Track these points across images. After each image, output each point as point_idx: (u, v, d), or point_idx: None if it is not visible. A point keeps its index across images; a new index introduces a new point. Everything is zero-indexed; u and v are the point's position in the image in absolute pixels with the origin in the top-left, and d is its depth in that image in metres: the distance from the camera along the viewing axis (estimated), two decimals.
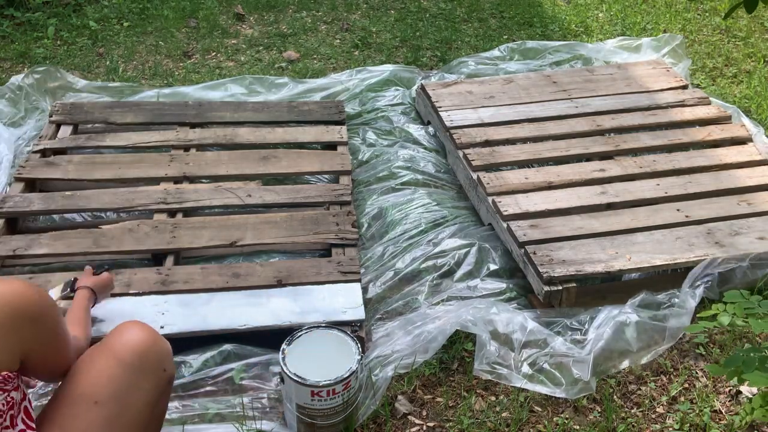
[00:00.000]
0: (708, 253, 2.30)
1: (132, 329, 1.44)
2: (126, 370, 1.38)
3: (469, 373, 2.09)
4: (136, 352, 1.40)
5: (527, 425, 1.95)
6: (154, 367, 1.43)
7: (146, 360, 1.42)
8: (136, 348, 1.41)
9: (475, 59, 3.67)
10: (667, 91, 3.25)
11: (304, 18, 4.33)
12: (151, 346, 1.44)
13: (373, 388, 1.96)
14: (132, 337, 1.42)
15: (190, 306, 2.13)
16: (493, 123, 3.01)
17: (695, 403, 2.02)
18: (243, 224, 2.47)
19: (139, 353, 1.41)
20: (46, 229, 2.49)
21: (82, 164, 2.74)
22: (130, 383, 1.38)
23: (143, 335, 1.44)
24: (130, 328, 1.45)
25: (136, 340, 1.42)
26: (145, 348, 1.42)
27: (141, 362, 1.40)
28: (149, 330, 1.46)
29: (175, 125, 3.04)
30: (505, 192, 2.59)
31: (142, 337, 1.43)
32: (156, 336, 1.47)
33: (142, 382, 1.40)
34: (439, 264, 2.41)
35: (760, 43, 4.10)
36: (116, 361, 1.39)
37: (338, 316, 2.11)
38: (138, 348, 1.41)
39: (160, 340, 1.48)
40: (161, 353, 1.46)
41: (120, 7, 4.29)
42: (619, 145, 2.87)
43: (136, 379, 1.39)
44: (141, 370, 1.40)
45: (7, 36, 3.93)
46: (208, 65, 3.77)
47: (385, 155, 2.98)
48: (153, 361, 1.43)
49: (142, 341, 1.42)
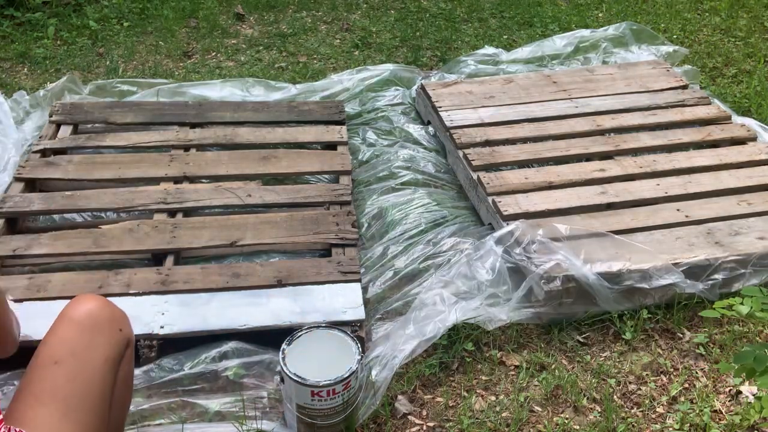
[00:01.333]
0: (708, 253, 2.30)
1: (84, 297, 1.56)
2: (80, 328, 1.48)
3: (469, 373, 2.09)
4: (89, 313, 1.51)
5: (527, 425, 1.95)
6: (107, 325, 1.53)
7: (99, 319, 1.52)
8: (89, 310, 1.52)
9: (475, 58, 3.67)
10: (667, 91, 3.25)
11: (304, 18, 4.34)
12: (103, 308, 1.54)
13: (373, 388, 1.96)
14: (85, 302, 1.53)
15: (190, 306, 2.13)
16: (493, 123, 3.01)
17: (695, 403, 2.02)
18: (243, 224, 2.47)
19: (91, 313, 1.51)
20: (46, 229, 2.49)
21: (82, 164, 2.74)
22: (84, 341, 1.47)
23: (95, 300, 1.55)
24: (82, 297, 1.56)
25: (89, 305, 1.53)
26: (96, 309, 1.53)
27: (94, 321, 1.51)
28: (100, 298, 1.57)
29: (175, 125, 3.04)
30: (505, 192, 2.59)
31: (94, 301, 1.55)
32: (107, 301, 1.58)
33: (97, 339, 1.49)
34: (438, 264, 2.41)
35: (760, 43, 4.10)
36: (70, 322, 1.49)
37: (338, 316, 2.11)
38: (90, 310, 1.52)
39: (112, 304, 1.58)
40: (114, 314, 1.56)
41: (120, 7, 4.29)
42: (619, 145, 2.87)
43: (90, 336, 1.49)
44: (94, 327, 1.50)
45: (7, 36, 3.93)
46: (208, 65, 3.77)
47: (385, 155, 2.98)
48: (106, 320, 1.53)
49: (94, 305, 1.54)
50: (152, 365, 2.01)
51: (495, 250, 2.27)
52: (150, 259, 2.42)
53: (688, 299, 2.29)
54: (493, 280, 2.24)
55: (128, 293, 2.16)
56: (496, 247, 2.28)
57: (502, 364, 2.13)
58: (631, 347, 2.19)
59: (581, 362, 2.14)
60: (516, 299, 2.22)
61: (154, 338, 2.04)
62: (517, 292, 2.22)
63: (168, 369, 2.01)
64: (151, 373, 1.99)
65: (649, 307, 2.28)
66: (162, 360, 2.02)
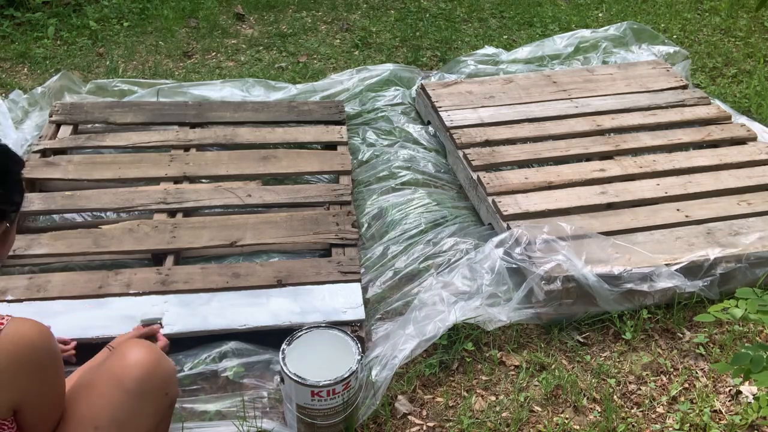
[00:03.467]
0: (708, 253, 2.30)
1: (134, 349, 1.39)
2: (127, 395, 1.33)
3: (469, 373, 2.09)
4: (139, 376, 1.35)
5: (527, 425, 1.95)
6: (156, 392, 1.38)
7: (149, 385, 1.36)
8: (139, 372, 1.35)
9: (475, 58, 3.67)
10: (667, 91, 3.25)
11: (304, 18, 4.34)
12: (154, 371, 1.38)
13: (373, 388, 1.96)
14: (135, 361, 1.36)
15: (190, 306, 2.13)
16: (493, 123, 3.01)
17: (695, 403, 2.02)
18: (243, 224, 2.47)
19: (141, 378, 1.35)
20: (46, 229, 2.49)
21: (82, 164, 2.74)
22: (131, 409, 1.34)
23: (147, 357, 1.37)
24: (133, 351, 1.38)
25: (139, 364, 1.36)
26: (147, 372, 1.36)
27: (143, 388, 1.35)
28: (153, 352, 1.40)
29: (175, 125, 3.04)
30: (505, 192, 2.59)
31: (146, 359, 1.37)
32: (160, 358, 1.41)
33: (143, 408, 1.36)
34: (438, 264, 2.41)
35: (760, 43, 4.10)
36: (118, 385, 1.34)
37: (338, 316, 2.11)
38: (141, 373, 1.35)
39: (164, 361, 1.43)
40: (164, 377, 1.40)
41: (120, 7, 4.29)
42: (619, 145, 2.87)
43: (137, 404, 1.34)
44: (143, 395, 1.35)
45: (7, 36, 3.93)
46: (208, 65, 3.77)
47: (385, 155, 2.98)
48: (155, 387, 1.38)
49: (145, 365, 1.36)
50: None
51: (495, 251, 2.27)
52: (150, 259, 2.42)
53: (688, 299, 2.29)
54: (493, 281, 2.24)
55: (128, 293, 2.16)
56: (497, 249, 2.28)
57: (502, 364, 2.13)
58: (631, 347, 2.19)
59: (581, 362, 2.14)
60: (516, 300, 2.22)
61: None
62: (517, 293, 2.22)
63: None
64: None
65: (649, 307, 2.28)
66: None
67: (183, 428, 1.86)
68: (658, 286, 2.21)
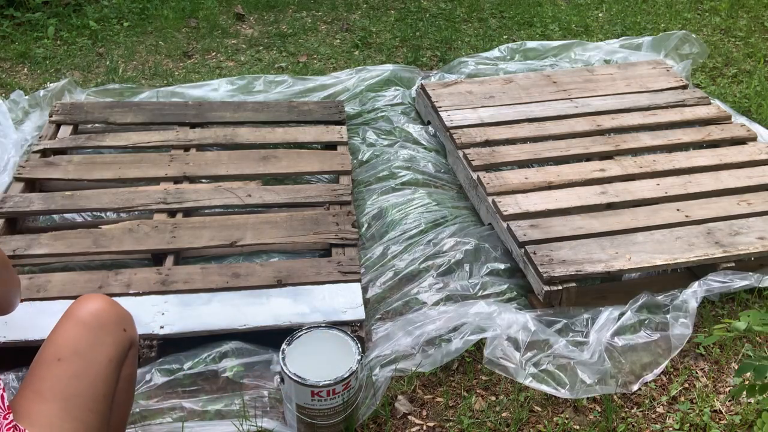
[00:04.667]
0: (708, 253, 2.30)
1: (90, 297, 1.55)
2: (85, 328, 1.48)
3: (469, 373, 2.09)
4: (94, 313, 1.50)
5: (527, 425, 1.95)
6: (112, 325, 1.52)
7: (104, 319, 1.51)
8: (94, 310, 1.51)
9: (475, 59, 3.67)
10: (667, 91, 3.25)
11: (304, 18, 4.34)
12: (109, 308, 1.53)
13: (373, 388, 1.96)
14: (91, 302, 1.53)
15: (190, 306, 2.13)
16: (493, 123, 3.01)
17: (695, 403, 2.02)
18: (243, 224, 2.47)
19: (96, 314, 1.51)
20: (46, 229, 2.49)
21: (82, 164, 2.74)
22: (89, 340, 1.47)
23: (101, 300, 1.54)
24: (88, 297, 1.55)
25: (95, 304, 1.52)
26: (102, 309, 1.52)
27: (99, 321, 1.50)
28: (106, 298, 1.56)
29: (175, 125, 3.04)
30: (505, 192, 2.59)
31: (100, 301, 1.53)
32: (112, 301, 1.57)
33: (102, 338, 1.49)
34: (438, 264, 2.41)
35: (760, 43, 4.10)
36: (76, 321, 1.48)
37: (338, 316, 2.11)
38: (96, 310, 1.51)
39: (117, 305, 1.58)
40: (119, 315, 1.55)
41: (120, 7, 4.30)
42: (619, 145, 2.87)
43: (95, 335, 1.48)
44: (100, 328, 1.49)
45: (7, 36, 3.93)
46: (208, 65, 3.78)
47: (385, 155, 2.98)
48: (111, 321, 1.52)
49: (100, 305, 1.53)
50: (152, 365, 2.01)
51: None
52: (150, 259, 2.42)
53: None
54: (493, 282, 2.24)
55: (128, 293, 2.16)
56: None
57: None
58: None
59: None
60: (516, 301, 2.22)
61: (154, 338, 2.04)
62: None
63: (168, 369, 2.01)
64: (151, 373, 1.99)
65: (650, 306, 2.27)
66: (162, 360, 2.02)
67: (183, 428, 1.86)
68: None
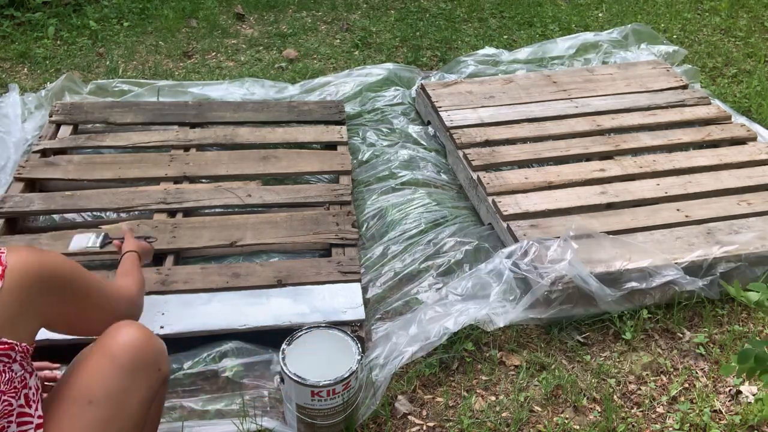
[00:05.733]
0: (708, 253, 2.30)
1: (127, 329, 1.43)
2: (120, 370, 1.38)
3: (469, 373, 2.09)
4: (131, 352, 1.40)
5: (527, 425, 1.95)
6: (148, 367, 1.43)
7: (141, 360, 1.41)
8: (131, 348, 1.40)
9: (475, 58, 3.67)
10: (666, 91, 3.25)
11: (304, 18, 4.34)
12: (146, 346, 1.43)
13: (373, 388, 1.96)
14: (127, 337, 1.41)
15: (190, 306, 2.13)
16: (493, 123, 3.01)
17: (695, 403, 2.02)
18: (243, 224, 2.47)
19: (133, 353, 1.40)
20: (46, 229, 2.49)
21: (82, 164, 2.74)
22: (124, 383, 1.38)
23: (138, 335, 1.43)
24: (125, 328, 1.43)
25: (131, 340, 1.41)
26: (139, 348, 1.41)
27: (135, 362, 1.40)
28: (144, 330, 1.45)
29: (175, 125, 3.04)
30: (505, 192, 2.59)
31: (137, 336, 1.42)
32: (151, 335, 1.46)
33: (136, 382, 1.40)
34: (438, 264, 2.41)
35: (760, 43, 4.10)
36: (111, 360, 1.38)
37: (338, 316, 2.11)
38: (133, 348, 1.40)
39: (155, 339, 1.47)
40: (156, 353, 1.45)
41: (120, 7, 4.30)
42: (619, 145, 2.87)
43: (130, 379, 1.39)
44: (135, 370, 1.40)
45: (7, 36, 3.93)
46: (208, 65, 3.78)
47: (385, 155, 2.98)
48: (148, 362, 1.42)
49: (137, 341, 1.41)
50: None
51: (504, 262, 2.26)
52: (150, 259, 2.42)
53: (687, 299, 2.29)
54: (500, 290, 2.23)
55: None
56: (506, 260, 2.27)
57: (502, 364, 2.13)
58: (631, 347, 2.19)
59: (581, 362, 2.14)
60: (521, 306, 2.20)
61: None
62: (522, 300, 2.21)
63: None
64: None
65: (649, 307, 2.28)
66: None
67: (183, 428, 1.86)
68: (657, 283, 2.21)
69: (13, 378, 1.25)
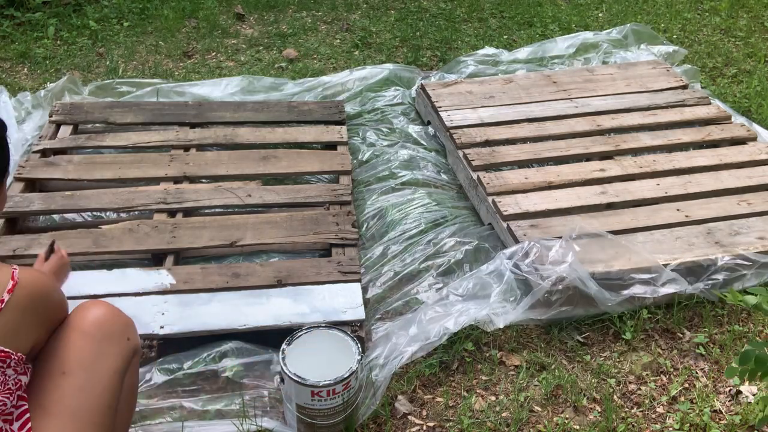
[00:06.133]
0: (708, 253, 2.30)
1: (93, 304, 1.52)
2: (90, 339, 1.46)
3: (469, 373, 2.09)
4: (97, 324, 1.48)
5: (527, 425, 1.95)
6: (116, 335, 1.50)
7: (108, 330, 1.49)
8: (97, 321, 1.49)
9: (475, 58, 3.67)
10: (666, 91, 3.25)
11: (304, 18, 4.34)
12: (112, 317, 1.51)
13: (373, 388, 1.96)
14: (93, 310, 1.50)
15: (190, 306, 2.13)
16: (493, 123, 3.01)
17: (695, 403, 2.02)
18: (243, 224, 2.47)
19: (99, 324, 1.48)
20: (46, 229, 2.49)
21: (82, 164, 2.74)
22: (94, 352, 1.45)
23: (104, 310, 1.52)
24: (91, 304, 1.52)
25: (97, 315, 1.50)
26: (105, 320, 1.50)
27: (103, 332, 1.48)
28: (109, 305, 1.54)
29: (175, 125, 3.04)
30: (505, 192, 2.59)
31: (103, 312, 1.51)
32: (116, 310, 1.55)
33: (106, 350, 1.47)
34: (438, 264, 2.41)
35: (760, 43, 4.10)
36: (80, 333, 1.46)
37: (338, 316, 2.11)
38: (98, 320, 1.49)
39: (120, 312, 1.55)
40: (122, 323, 1.54)
41: (120, 7, 4.30)
42: (619, 145, 2.87)
43: (99, 347, 1.46)
44: (104, 339, 1.47)
45: (7, 36, 3.93)
46: (208, 65, 3.77)
47: (385, 155, 2.98)
48: (114, 331, 1.51)
49: (103, 315, 1.50)
50: (152, 365, 2.01)
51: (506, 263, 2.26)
52: (150, 259, 2.42)
53: (688, 299, 2.29)
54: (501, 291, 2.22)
55: (128, 293, 2.16)
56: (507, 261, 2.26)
57: (502, 364, 2.13)
58: (631, 347, 2.19)
59: (581, 362, 2.14)
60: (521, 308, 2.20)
61: (154, 338, 2.05)
62: (523, 302, 2.21)
63: (168, 369, 2.01)
64: (151, 373, 1.99)
65: (649, 307, 2.28)
66: (162, 360, 2.02)
67: (183, 428, 1.86)
68: (661, 291, 2.21)
69: (7, 381, 1.33)
